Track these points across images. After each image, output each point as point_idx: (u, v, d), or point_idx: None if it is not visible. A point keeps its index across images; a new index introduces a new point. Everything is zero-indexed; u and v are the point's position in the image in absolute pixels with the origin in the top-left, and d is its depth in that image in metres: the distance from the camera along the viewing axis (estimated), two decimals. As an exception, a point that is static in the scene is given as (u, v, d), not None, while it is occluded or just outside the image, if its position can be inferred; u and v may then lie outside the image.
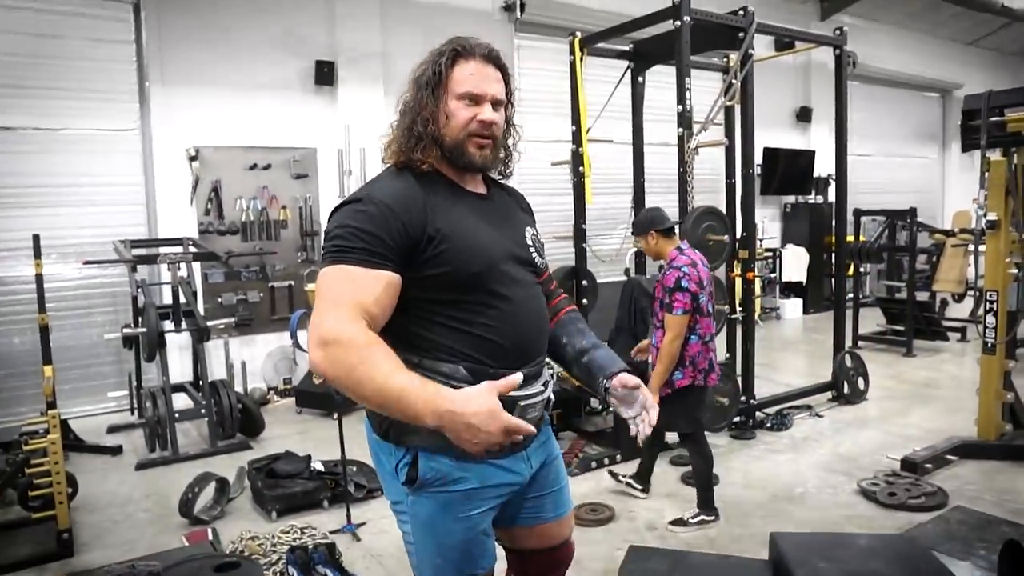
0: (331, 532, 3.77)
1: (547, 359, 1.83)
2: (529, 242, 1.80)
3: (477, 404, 1.41)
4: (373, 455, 1.78)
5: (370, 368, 1.42)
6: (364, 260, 1.51)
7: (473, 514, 1.69)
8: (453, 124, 1.64)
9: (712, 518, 3.82)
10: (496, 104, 1.70)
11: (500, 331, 1.63)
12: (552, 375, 1.87)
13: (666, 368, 3.72)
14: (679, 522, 3.82)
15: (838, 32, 5.85)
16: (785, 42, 8.60)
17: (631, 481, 4.22)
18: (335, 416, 4.14)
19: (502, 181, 1.90)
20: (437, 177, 1.68)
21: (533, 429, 1.54)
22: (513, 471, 1.73)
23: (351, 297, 1.48)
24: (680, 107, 4.76)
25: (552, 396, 1.80)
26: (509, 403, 1.58)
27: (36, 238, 4.91)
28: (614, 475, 4.32)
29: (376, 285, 1.51)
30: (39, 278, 4.95)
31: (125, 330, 5.50)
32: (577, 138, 5.48)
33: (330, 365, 1.45)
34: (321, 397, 6.04)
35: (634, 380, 1.75)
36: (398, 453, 1.67)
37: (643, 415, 1.73)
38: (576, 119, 5.48)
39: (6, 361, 5.95)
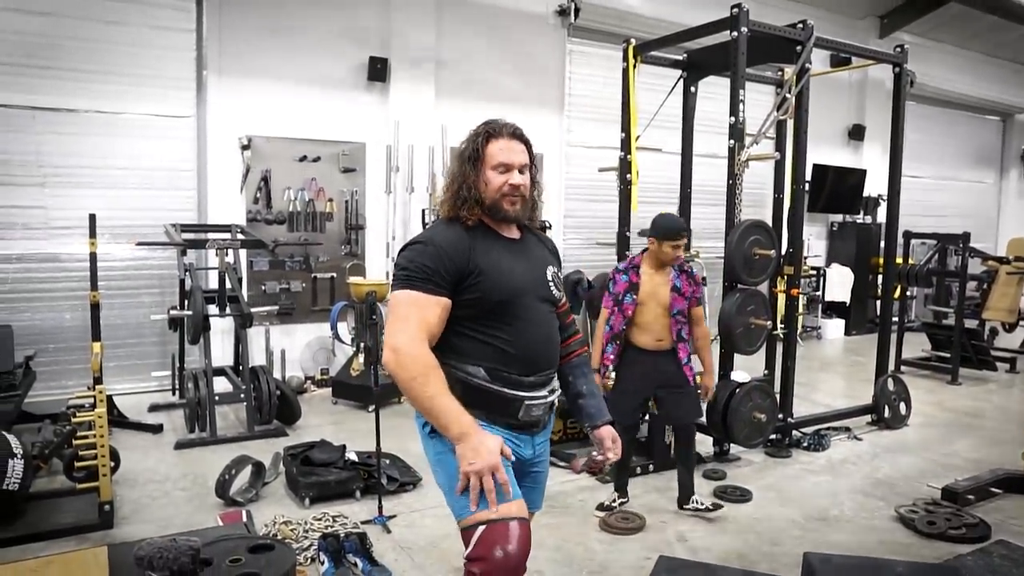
0: (362, 522, 3.80)
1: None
2: (549, 279, 2.23)
3: (489, 441, 1.92)
4: (418, 429, 2.17)
5: (426, 384, 1.93)
6: (426, 288, 1.99)
7: None
8: (491, 188, 2.10)
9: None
10: (522, 169, 2.13)
11: (513, 344, 2.07)
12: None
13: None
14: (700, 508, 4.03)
15: (899, 50, 5.74)
16: (842, 58, 8.47)
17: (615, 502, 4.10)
18: (371, 409, 4.19)
19: (535, 228, 2.33)
20: (480, 227, 2.14)
21: (506, 480, 1.92)
22: (518, 446, 2.12)
23: (418, 317, 1.98)
24: (733, 119, 4.71)
25: (556, 401, 2.24)
26: (518, 400, 2.08)
27: (92, 217, 5.06)
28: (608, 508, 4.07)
29: (435, 308, 2.00)
30: (93, 256, 5.10)
31: (171, 312, 5.61)
32: (626, 145, 5.46)
33: (398, 368, 1.93)
34: (358, 389, 6.10)
35: (609, 440, 2.28)
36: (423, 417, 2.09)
37: (612, 450, 2.27)
38: (626, 126, 5.45)
39: (57, 336, 6.13)
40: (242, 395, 5.40)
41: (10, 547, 3.45)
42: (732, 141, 4.74)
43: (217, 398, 5.31)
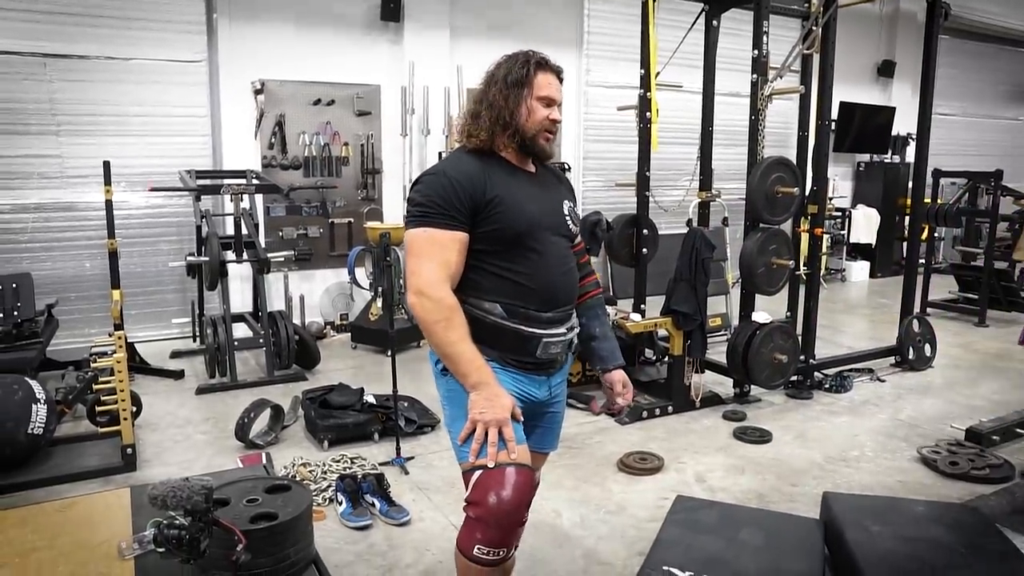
0: (380, 464, 3.83)
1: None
2: (566, 212, 2.18)
3: (504, 398, 1.91)
4: (431, 366, 2.13)
5: (448, 328, 1.91)
6: (443, 223, 1.94)
7: None
8: (534, 118, 2.04)
9: None
10: (559, 107, 2.11)
11: (532, 278, 2.02)
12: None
13: None
14: None
15: (932, -23, 5.47)
16: (872, -12, 8.10)
17: None
18: (389, 352, 4.19)
19: (549, 164, 2.27)
20: (499, 159, 2.08)
21: (512, 437, 1.89)
22: (532, 387, 2.10)
23: (438, 255, 1.93)
24: (756, 51, 4.55)
25: (576, 339, 2.20)
26: (536, 338, 2.03)
27: (107, 165, 5.04)
28: None
29: (453, 244, 1.95)
30: (109, 204, 5.10)
31: (189, 258, 5.63)
32: (645, 82, 5.29)
33: (422, 311, 1.92)
34: (376, 333, 6.12)
35: (619, 384, 2.30)
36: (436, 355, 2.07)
37: (622, 394, 2.29)
38: (645, 63, 5.28)
39: (78, 284, 6.17)
40: (261, 340, 5.43)
41: (36, 489, 3.51)
42: (755, 75, 4.57)
43: (236, 344, 5.35)
